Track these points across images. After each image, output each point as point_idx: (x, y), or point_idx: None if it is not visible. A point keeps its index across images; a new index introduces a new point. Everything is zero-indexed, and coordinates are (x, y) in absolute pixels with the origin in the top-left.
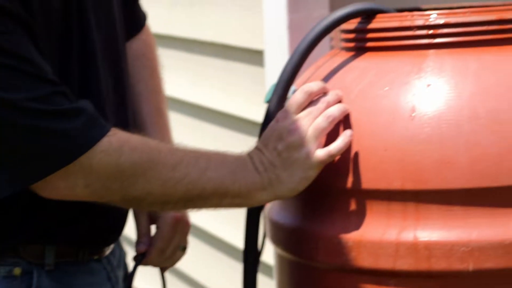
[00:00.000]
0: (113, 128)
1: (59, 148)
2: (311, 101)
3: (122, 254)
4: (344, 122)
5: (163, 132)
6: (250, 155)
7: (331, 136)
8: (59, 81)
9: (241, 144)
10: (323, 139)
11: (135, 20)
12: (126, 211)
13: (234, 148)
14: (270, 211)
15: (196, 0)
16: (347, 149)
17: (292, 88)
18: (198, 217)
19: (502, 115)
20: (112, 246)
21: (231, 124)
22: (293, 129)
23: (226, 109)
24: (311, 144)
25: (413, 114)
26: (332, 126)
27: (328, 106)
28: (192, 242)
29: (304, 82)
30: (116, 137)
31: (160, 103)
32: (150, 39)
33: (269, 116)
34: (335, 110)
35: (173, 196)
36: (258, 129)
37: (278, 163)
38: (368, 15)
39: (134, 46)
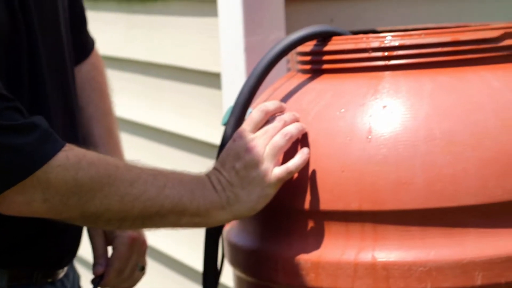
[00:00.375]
0: (69, 144)
1: (15, 163)
2: (267, 120)
3: (75, 277)
4: (302, 140)
5: (115, 152)
6: (208, 175)
7: (289, 154)
8: (12, 97)
9: (199, 166)
10: (280, 157)
11: (84, 45)
12: (81, 232)
13: (192, 171)
14: (229, 233)
15: (153, 23)
16: (305, 170)
17: (249, 110)
18: (156, 238)
19: (458, 136)
20: (66, 268)
21: (189, 147)
22: (250, 147)
23: (184, 132)
24: (268, 162)
25: (370, 136)
26: (289, 144)
27: (285, 124)
28: (150, 264)
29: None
30: (73, 152)
31: (111, 125)
32: (99, 62)
33: (227, 138)
34: (292, 128)
35: (131, 212)
36: (216, 151)
37: (236, 182)
38: (324, 37)
39: (83, 69)
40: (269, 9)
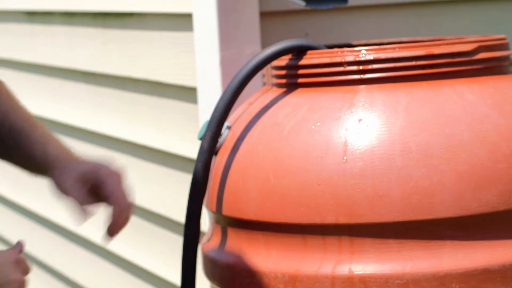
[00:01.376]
0: None
1: None
2: None
3: None
4: None
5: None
6: None
7: None
8: None
9: (175, 180)
10: None
11: None
12: None
13: (168, 185)
14: (206, 246)
15: (129, 38)
16: (281, 184)
17: (226, 124)
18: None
19: (433, 149)
20: None
21: (165, 161)
22: None
23: (160, 146)
24: None
25: (346, 149)
26: None
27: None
28: (126, 277)
29: (237, 119)
30: None
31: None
32: None
33: (203, 152)
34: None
35: None
36: (192, 165)
37: None
38: (299, 51)
39: None
40: (244, 23)
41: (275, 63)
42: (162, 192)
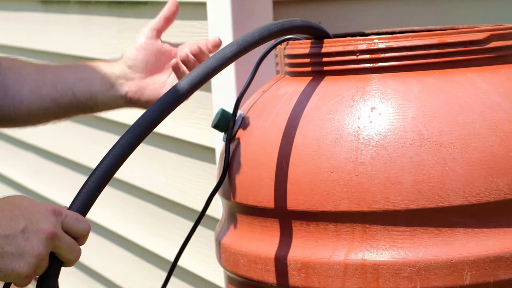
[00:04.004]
0: None
1: None
2: None
3: None
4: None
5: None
6: None
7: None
8: None
9: (189, 168)
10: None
11: None
12: None
13: (182, 172)
14: (219, 233)
15: (144, 27)
16: (294, 171)
17: (239, 112)
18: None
19: (445, 137)
20: None
21: (179, 149)
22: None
23: (174, 134)
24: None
25: (358, 137)
26: None
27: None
28: (141, 263)
29: (250, 107)
30: None
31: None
32: None
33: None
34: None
35: None
36: (206, 153)
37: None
38: (311, 35)
39: None
40: (258, 11)
41: (288, 51)
42: (177, 179)
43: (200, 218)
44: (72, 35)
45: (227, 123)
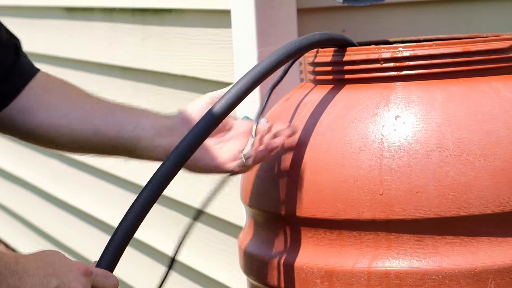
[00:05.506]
0: None
1: None
2: None
3: None
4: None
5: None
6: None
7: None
8: None
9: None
10: None
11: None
12: None
13: (205, 180)
14: (243, 242)
15: (168, 34)
16: (318, 179)
17: (263, 119)
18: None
19: (469, 145)
20: None
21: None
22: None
23: None
24: None
25: (382, 145)
26: None
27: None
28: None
29: (274, 114)
30: None
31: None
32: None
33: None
34: None
35: None
36: None
37: None
38: (334, 45)
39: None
40: (282, 20)
41: (312, 59)
42: (199, 186)
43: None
44: (96, 43)
45: None
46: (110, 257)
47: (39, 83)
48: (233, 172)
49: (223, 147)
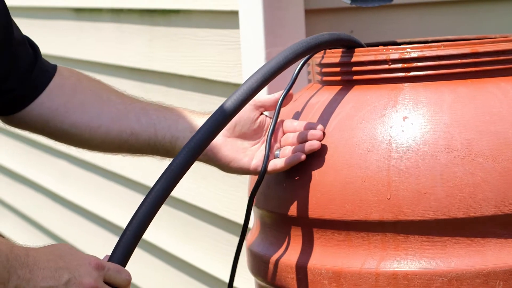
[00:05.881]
0: None
1: None
2: None
3: None
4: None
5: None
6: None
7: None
8: None
9: (221, 177)
10: None
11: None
12: None
13: (213, 181)
14: (251, 242)
15: (175, 35)
16: (326, 180)
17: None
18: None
19: (478, 146)
20: None
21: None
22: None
23: None
24: None
25: (390, 146)
26: None
27: None
28: (171, 271)
29: (282, 116)
30: None
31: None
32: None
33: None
34: None
35: None
36: None
37: None
38: (342, 46)
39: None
40: (290, 20)
41: (319, 59)
42: (208, 188)
43: (244, 231)
44: (104, 43)
45: None
46: (123, 251)
47: (66, 80)
48: (265, 173)
49: (260, 148)
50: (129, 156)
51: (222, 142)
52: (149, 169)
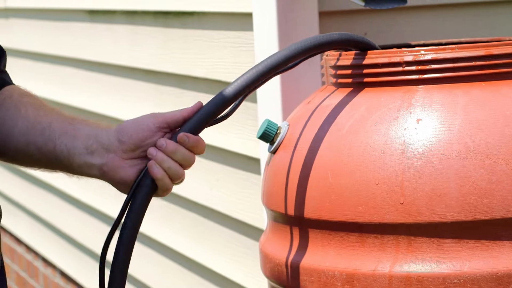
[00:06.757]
0: None
1: None
2: None
3: None
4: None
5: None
6: None
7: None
8: None
9: (234, 178)
10: None
11: None
12: None
13: (226, 183)
14: (264, 244)
15: (189, 37)
16: (339, 182)
17: (285, 122)
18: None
19: (492, 149)
20: None
21: (224, 159)
22: None
23: (219, 144)
24: None
25: (404, 149)
26: None
27: None
28: (183, 272)
29: (296, 117)
30: None
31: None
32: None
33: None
34: None
35: None
36: (251, 164)
37: None
38: (356, 47)
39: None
40: (303, 22)
41: (333, 62)
42: (221, 190)
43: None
44: (118, 45)
45: (272, 134)
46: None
47: (4, 94)
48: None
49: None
50: (44, 172)
51: (122, 164)
52: None
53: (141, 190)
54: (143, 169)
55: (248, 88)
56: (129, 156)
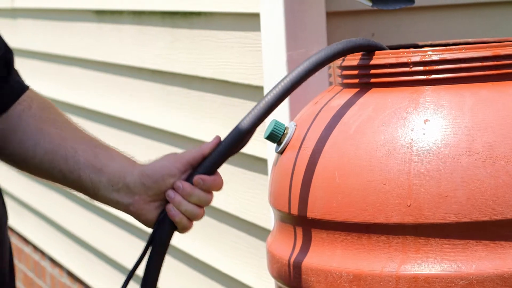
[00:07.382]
0: None
1: None
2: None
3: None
4: None
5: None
6: None
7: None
8: None
9: (241, 178)
10: None
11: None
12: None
13: (233, 183)
14: (271, 245)
15: (197, 37)
16: (346, 183)
17: (292, 123)
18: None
19: (499, 149)
20: None
21: (231, 159)
22: None
23: None
24: None
25: (411, 149)
26: None
27: None
28: (189, 272)
29: (303, 118)
30: None
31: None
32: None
33: (239, 135)
34: None
35: None
36: (258, 164)
37: None
38: (364, 51)
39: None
40: (311, 23)
41: (340, 62)
42: (228, 190)
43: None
44: (125, 46)
45: (280, 134)
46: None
47: (23, 104)
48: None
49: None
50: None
51: (147, 207)
52: None
53: (161, 232)
54: (163, 211)
55: (262, 120)
56: (153, 199)
